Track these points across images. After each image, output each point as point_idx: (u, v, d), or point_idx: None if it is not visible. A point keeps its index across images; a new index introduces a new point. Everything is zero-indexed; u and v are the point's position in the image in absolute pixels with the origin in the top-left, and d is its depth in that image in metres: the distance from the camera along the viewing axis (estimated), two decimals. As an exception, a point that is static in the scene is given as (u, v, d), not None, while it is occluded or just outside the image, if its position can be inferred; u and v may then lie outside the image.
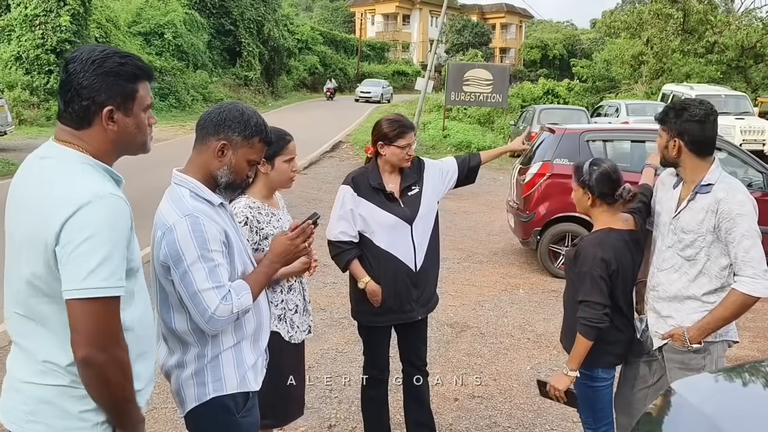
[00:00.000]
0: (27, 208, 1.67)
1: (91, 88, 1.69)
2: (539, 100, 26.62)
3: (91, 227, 1.59)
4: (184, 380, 2.16)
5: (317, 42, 48.62)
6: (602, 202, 2.86)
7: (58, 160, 1.70)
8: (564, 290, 3.13)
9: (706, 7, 29.66)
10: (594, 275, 2.77)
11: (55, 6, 21.93)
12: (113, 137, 1.75)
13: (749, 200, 2.66)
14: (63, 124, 1.74)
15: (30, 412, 1.70)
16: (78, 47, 20.36)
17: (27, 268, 1.65)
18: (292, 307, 2.91)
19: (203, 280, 2.00)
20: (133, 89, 1.76)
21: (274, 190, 2.90)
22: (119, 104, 1.73)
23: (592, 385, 2.93)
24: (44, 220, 1.61)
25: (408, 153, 3.28)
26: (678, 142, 2.72)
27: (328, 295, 6.38)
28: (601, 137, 7.65)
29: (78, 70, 1.70)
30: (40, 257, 1.62)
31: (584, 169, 2.87)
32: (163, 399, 4.17)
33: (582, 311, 2.78)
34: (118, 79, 1.72)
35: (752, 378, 2.42)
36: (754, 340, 5.55)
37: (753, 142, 16.31)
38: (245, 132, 2.14)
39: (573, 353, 2.83)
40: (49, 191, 1.64)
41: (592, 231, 2.96)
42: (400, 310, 3.33)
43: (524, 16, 70.69)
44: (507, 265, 7.93)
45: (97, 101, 1.71)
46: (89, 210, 1.60)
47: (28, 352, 1.71)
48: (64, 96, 1.72)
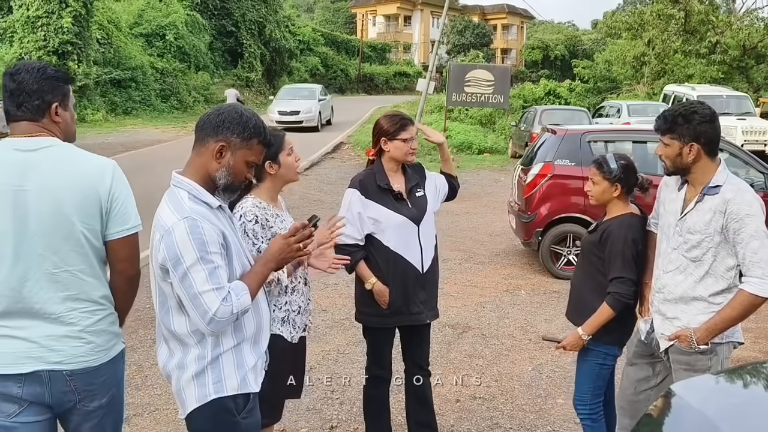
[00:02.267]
0: (68, 186, 2.12)
1: (41, 90, 2.17)
2: (540, 100, 26.58)
3: (125, 183, 2.23)
4: (185, 382, 2.16)
5: (318, 43, 48.61)
6: (625, 193, 3.09)
7: (60, 146, 2.18)
8: (575, 272, 3.36)
9: (707, 7, 29.62)
10: (626, 254, 2.99)
11: (57, 8, 21.95)
12: (62, 127, 2.24)
13: (757, 201, 2.66)
14: (21, 120, 2.17)
15: (95, 347, 2.20)
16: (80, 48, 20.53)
17: (82, 225, 2.14)
18: (295, 308, 2.92)
19: (203, 282, 2.00)
20: (68, 89, 2.28)
21: (282, 186, 2.94)
22: (60, 101, 2.22)
23: (603, 362, 3.13)
24: (94, 186, 2.14)
25: (411, 147, 3.30)
26: (695, 146, 2.69)
27: (329, 296, 6.37)
28: (602, 138, 7.65)
29: (26, 78, 2.16)
30: (95, 212, 2.15)
31: (612, 166, 3.05)
32: (165, 400, 4.17)
33: (616, 286, 2.99)
34: (58, 82, 2.22)
35: (753, 379, 2.41)
36: (755, 341, 5.55)
37: (755, 142, 16.27)
38: (244, 134, 2.14)
39: (593, 321, 3.02)
40: (84, 166, 2.18)
41: (608, 217, 3.14)
42: (408, 311, 3.34)
43: (525, 16, 70.66)
44: (508, 266, 7.93)
45: (45, 99, 2.18)
46: (118, 172, 2.22)
47: (79, 300, 2.17)
48: (16, 100, 2.15)
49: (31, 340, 2.13)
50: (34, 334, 2.13)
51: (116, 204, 2.18)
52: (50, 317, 2.14)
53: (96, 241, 2.18)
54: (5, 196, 2.09)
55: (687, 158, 2.72)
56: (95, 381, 2.22)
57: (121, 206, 2.19)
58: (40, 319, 2.14)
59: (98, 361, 2.22)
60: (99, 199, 2.15)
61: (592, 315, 3.04)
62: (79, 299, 2.17)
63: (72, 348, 2.16)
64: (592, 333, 3.03)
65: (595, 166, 3.12)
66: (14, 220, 2.09)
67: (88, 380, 2.20)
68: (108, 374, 2.26)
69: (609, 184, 3.06)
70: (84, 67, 22.96)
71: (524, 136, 17.20)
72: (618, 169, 3.04)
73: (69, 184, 2.13)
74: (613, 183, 3.05)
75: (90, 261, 2.18)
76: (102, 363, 2.23)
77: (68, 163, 2.16)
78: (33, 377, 2.13)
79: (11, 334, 2.13)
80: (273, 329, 2.78)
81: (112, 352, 2.27)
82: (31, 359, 2.12)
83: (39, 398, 2.15)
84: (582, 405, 3.19)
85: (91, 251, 2.17)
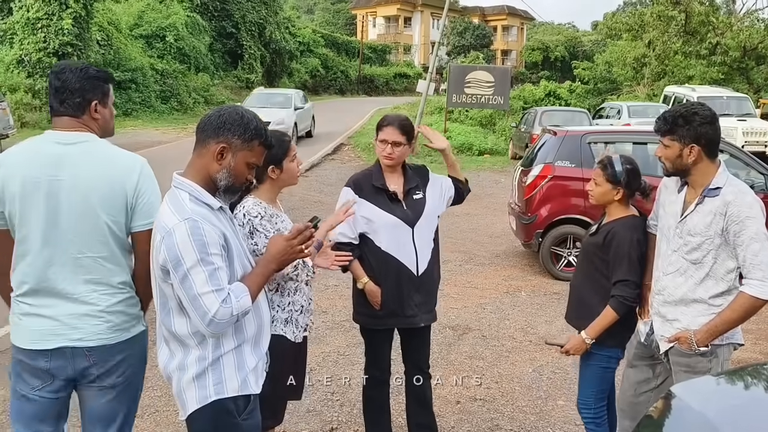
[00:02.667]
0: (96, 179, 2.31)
1: (82, 88, 2.37)
2: (541, 102, 26.57)
3: (153, 179, 2.43)
4: (186, 383, 2.16)
5: (319, 44, 48.58)
6: (627, 196, 3.07)
7: (95, 142, 2.39)
8: (574, 274, 3.32)
9: (707, 8, 29.63)
10: (632, 256, 2.98)
11: (57, 9, 21.95)
12: (100, 123, 2.45)
13: (757, 203, 2.66)
14: (63, 116, 2.38)
15: (112, 326, 2.38)
16: (80, 50, 20.51)
17: (107, 216, 2.33)
18: (297, 308, 2.93)
19: (203, 284, 2.01)
20: (108, 88, 2.48)
21: (281, 189, 2.97)
22: (100, 99, 2.43)
23: (607, 365, 3.11)
24: (121, 181, 2.34)
25: (386, 151, 3.24)
26: (695, 148, 2.69)
27: (329, 298, 6.37)
28: (602, 139, 7.65)
29: (69, 77, 2.36)
30: (121, 205, 2.34)
31: (617, 169, 3.02)
32: (165, 402, 4.17)
33: (620, 290, 2.96)
34: (98, 81, 2.43)
35: (753, 381, 2.41)
36: (756, 343, 5.54)
37: (755, 143, 16.27)
38: (245, 135, 2.14)
39: (597, 324, 3.00)
40: (113, 161, 2.38)
41: (609, 219, 3.11)
42: (402, 314, 3.32)
43: (525, 18, 70.66)
44: (509, 268, 7.93)
45: (86, 98, 2.38)
46: (146, 168, 2.42)
47: (100, 284, 2.36)
48: (59, 97, 2.37)
49: (56, 318, 2.33)
50: (58, 313, 2.34)
51: (142, 199, 2.37)
52: (72, 297, 2.34)
53: (120, 232, 2.38)
54: (41, 185, 2.29)
55: (687, 160, 2.72)
56: (112, 358, 2.40)
57: (146, 201, 2.37)
58: (63, 299, 2.34)
59: (115, 339, 2.40)
60: (125, 194, 2.35)
61: (592, 317, 3.02)
62: (100, 283, 2.37)
63: (91, 326, 2.36)
64: (596, 337, 3.01)
65: (600, 167, 3.09)
66: (47, 208, 2.30)
67: (105, 357, 2.38)
68: (126, 353, 2.44)
69: (611, 187, 3.05)
70: (84, 69, 22.96)
71: (524, 137, 17.19)
72: (623, 172, 3.02)
73: (98, 177, 2.33)
74: (615, 186, 3.04)
75: (112, 249, 2.38)
76: (119, 341, 2.41)
77: (99, 159, 2.36)
78: (58, 353, 2.33)
79: (38, 312, 2.34)
80: (276, 330, 2.79)
81: (129, 332, 2.45)
82: (55, 336, 2.33)
83: (63, 372, 2.36)
84: (586, 409, 3.16)
85: (114, 241, 2.37)
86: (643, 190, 3.08)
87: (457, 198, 3.51)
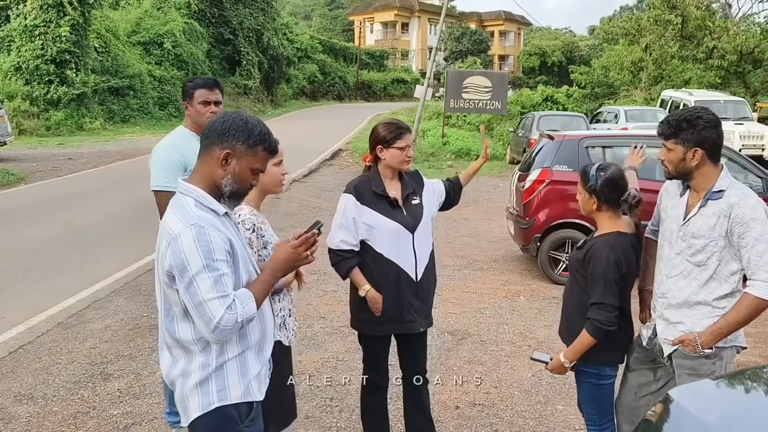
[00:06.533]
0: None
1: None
2: (538, 106, 26.65)
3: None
4: (189, 389, 2.16)
5: (316, 50, 48.70)
6: (608, 207, 2.92)
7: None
8: (565, 289, 3.18)
9: (704, 13, 29.70)
10: (608, 278, 2.82)
11: (54, 16, 22.01)
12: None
13: (761, 205, 2.67)
14: None
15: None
16: (78, 57, 20.52)
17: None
18: (287, 312, 2.95)
19: (208, 290, 2.00)
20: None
21: (265, 195, 2.91)
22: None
23: (599, 383, 3.01)
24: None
25: (407, 155, 3.30)
26: (699, 151, 2.70)
27: (327, 303, 6.37)
28: (600, 143, 7.67)
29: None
30: None
31: (591, 175, 2.91)
32: (163, 409, 4.13)
33: (596, 313, 2.83)
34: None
35: (753, 384, 2.40)
36: (756, 345, 5.54)
37: (752, 147, 16.31)
38: (249, 141, 2.15)
39: (574, 348, 2.90)
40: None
41: (597, 234, 3.00)
42: (402, 319, 3.33)
43: (522, 23, 70.88)
44: (507, 272, 7.93)
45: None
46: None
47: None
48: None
49: None
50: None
51: None
52: None
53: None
54: None
55: (690, 163, 2.73)
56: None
57: None
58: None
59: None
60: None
61: (575, 336, 2.92)
62: None
63: None
64: (573, 360, 2.92)
65: (580, 175, 3.01)
66: None
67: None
68: None
69: (588, 196, 2.93)
70: (82, 76, 23.01)
71: (522, 142, 17.23)
72: (595, 181, 2.89)
73: None
74: (591, 195, 2.92)
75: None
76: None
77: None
78: None
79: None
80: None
81: None
82: None
83: None
84: (593, 426, 3.10)
85: None
86: (626, 202, 2.91)
87: (447, 204, 3.59)
